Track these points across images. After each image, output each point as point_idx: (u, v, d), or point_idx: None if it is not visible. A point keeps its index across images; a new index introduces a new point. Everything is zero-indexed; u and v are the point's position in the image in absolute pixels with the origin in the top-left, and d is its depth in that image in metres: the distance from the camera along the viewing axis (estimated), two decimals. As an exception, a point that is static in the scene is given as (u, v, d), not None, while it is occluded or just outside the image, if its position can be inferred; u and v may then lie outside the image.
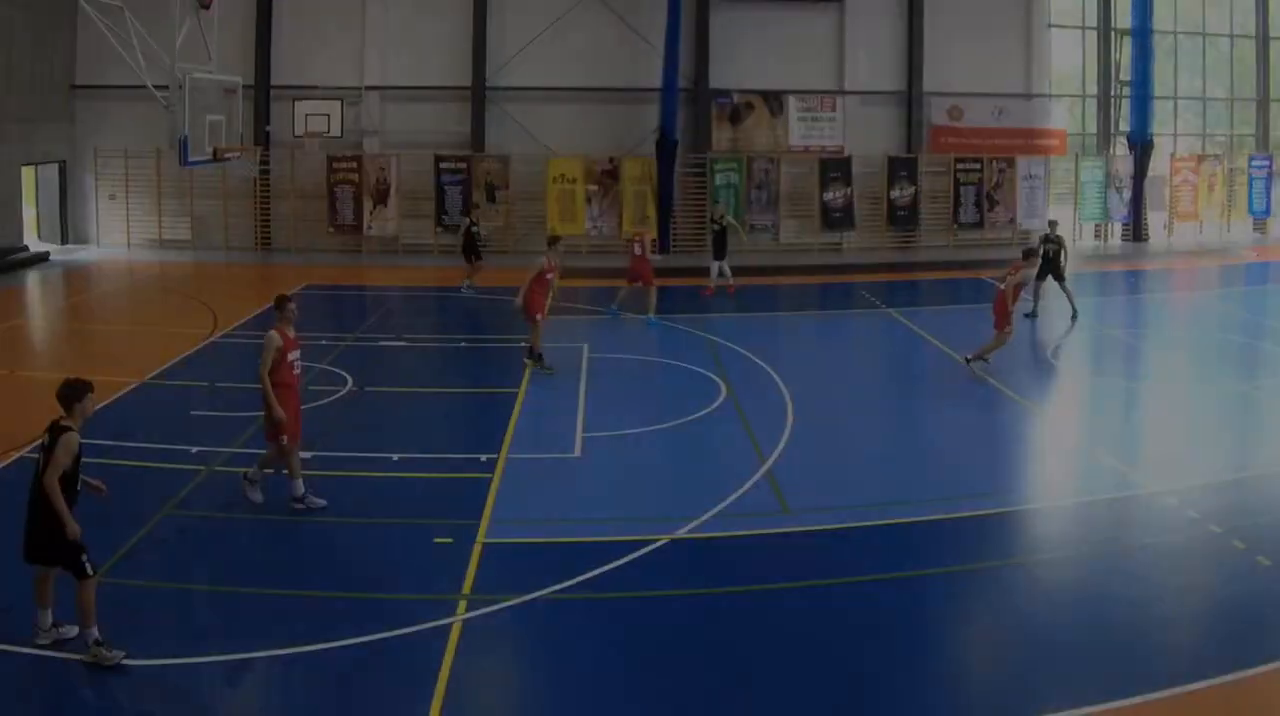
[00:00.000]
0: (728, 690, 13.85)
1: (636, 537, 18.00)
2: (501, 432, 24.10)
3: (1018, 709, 13.43)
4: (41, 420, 22.61)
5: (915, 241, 53.98)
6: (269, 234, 53.42)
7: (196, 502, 19.86)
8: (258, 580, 16.11)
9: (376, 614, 15.50)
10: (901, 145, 54.64)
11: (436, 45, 52.75)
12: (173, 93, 30.89)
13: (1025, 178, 54.44)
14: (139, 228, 53.58)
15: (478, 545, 18.03)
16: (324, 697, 13.62)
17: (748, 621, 15.76)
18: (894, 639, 15.09)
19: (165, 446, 22.80)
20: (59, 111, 52.25)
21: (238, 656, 14.13)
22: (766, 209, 53.18)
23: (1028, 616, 15.83)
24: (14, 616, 15.14)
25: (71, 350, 33.14)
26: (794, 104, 53.67)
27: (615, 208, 52.00)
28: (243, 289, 43.69)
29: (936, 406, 27.20)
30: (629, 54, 52.55)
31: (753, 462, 22.26)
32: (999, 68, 54.88)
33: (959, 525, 19.19)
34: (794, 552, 18.32)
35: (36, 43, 49.58)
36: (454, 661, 14.30)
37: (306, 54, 52.51)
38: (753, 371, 29.61)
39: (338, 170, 52.08)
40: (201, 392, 27.38)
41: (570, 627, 15.48)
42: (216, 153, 33.09)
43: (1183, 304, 43.31)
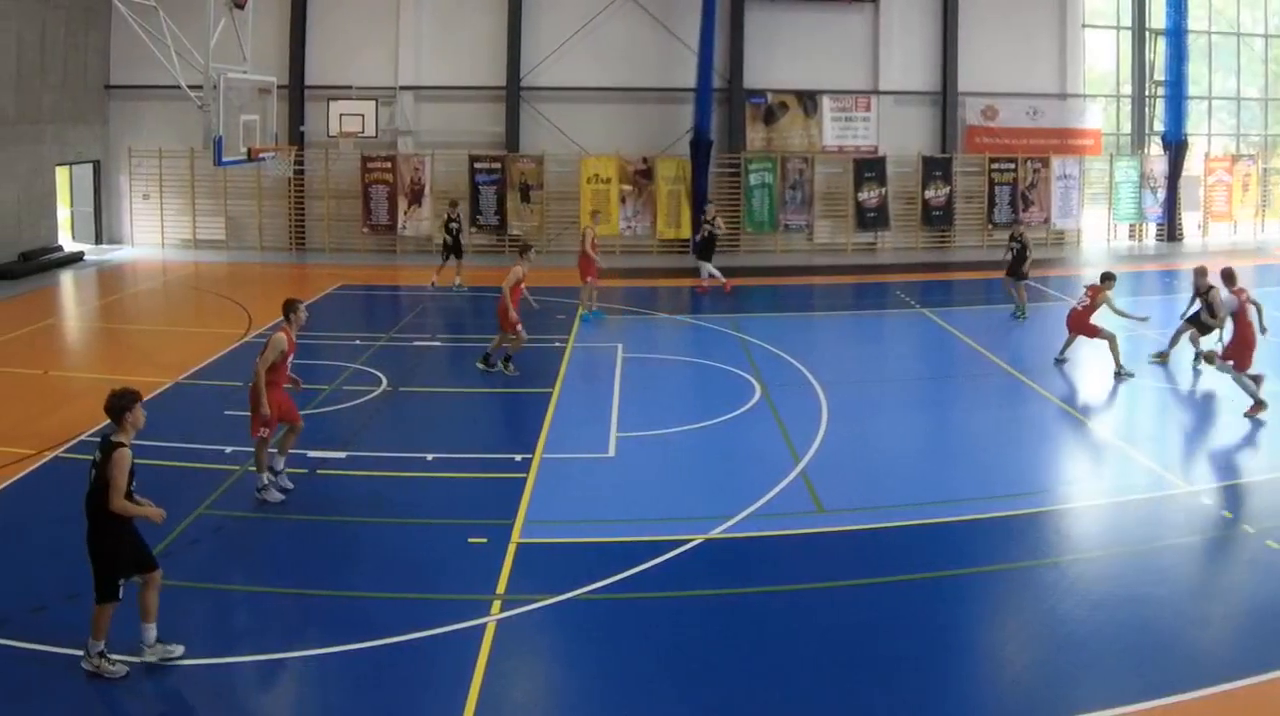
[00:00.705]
0: (762, 690, 13.83)
1: (670, 538, 18.00)
2: (536, 433, 24.13)
3: (1052, 708, 13.41)
4: (76, 419, 22.75)
5: (950, 241, 53.88)
6: (303, 234, 53.51)
7: (231, 502, 19.88)
8: (292, 580, 16.14)
9: (411, 614, 15.54)
10: (936, 145, 54.53)
11: (471, 45, 52.81)
12: (207, 92, 30.90)
13: (1060, 178, 54.30)
14: (173, 228, 53.71)
15: (512, 545, 18.06)
16: (358, 697, 13.64)
17: (782, 621, 15.71)
18: (928, 638, 15.07)
19: (199, 446, 22.84)
20: (93, 112, 52.40)
21: (272, 656, 14.17)
22: (801, 209, 53.09)
23: (1062, 616, 15.75)
24: (47, 615, 15.21)
25: (105, 350, 33.18)
26: (828, 104, 53.59)
27: (649, 208, 51.97)
28: (277, 289, 43.58)
29: (970, 406, 27.15)
30: (663, 54, 52.54)
31: (787, 462, 22.26)
32: (1033, 68, 54.78)
33: (993, 525, 19.19)
34: (828, 552, 18.32)
35: (71, 43, 49.69)
36: (488, 661, 14.34)
37: (341, 54, 52.61)
38: (787, 371, 29.56)
39: (372, 170, 52.16)
40: (235, 392, 27.38)
41: (604, 627, 15.50)
42: (251, 153, 33.10)
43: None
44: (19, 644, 14.50)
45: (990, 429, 25.23)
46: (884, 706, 13.52)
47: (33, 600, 15.72)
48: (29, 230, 47.36)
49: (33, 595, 15.89)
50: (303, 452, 21.73)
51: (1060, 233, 54.78)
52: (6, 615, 15.21)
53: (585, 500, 20.38)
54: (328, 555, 18.05)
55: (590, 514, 19.60)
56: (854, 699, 13.66)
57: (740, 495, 20.30)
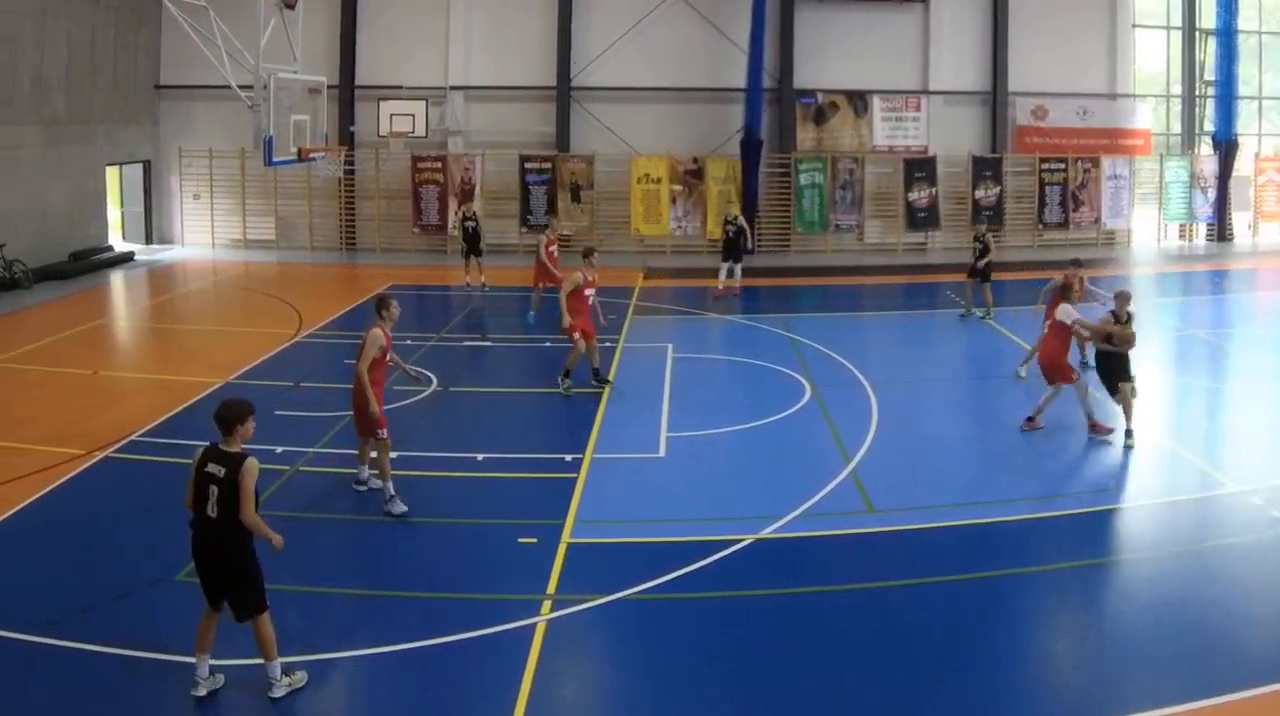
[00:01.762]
0: (812, 690, 13.83)
1: (721, 538, 17.99)
2: (586, 433, 24.13)
3: (1102, 708, 13.37)
4: (126, 419, 22.87)
5: (1000, 241, 53.37)
6: (353, 234, 53.63)
7: (282, 502, 19.84)
8: (342, 580, 16.16)
9: (461, 614, 15.56)
10: (986, 145, 54.31)
11: (521, 45, 52.85)
12: (257, 92, 30.97)
13: (1110, 178, 54.01)
14: (223, 228, 53.91)
15: (562, 545, 18.06)
16: (408, 698, 13.67)
17: (832, 621, 15.70)
18: (978, 638, 15.07)
19: (249, 446, 22.78)
20: (143, 112, 52.63)
21: (322, 656, 14.17)
22: (851, 209, 52.93)
23: (1111, 616, 15.78)
24: (96, 616, 15.26)
25: (155, 350, 33.25)
26: (878, 104, 53.47)
27: (700, 208, 51.88)
28: (327, 289, 43.86)
29: (1020, 406, 26.94)
30: (713, 54, 52.47)
31: (837, 462, 22.28)
32: (1084, 68, 54.50)
33: (1043, 525, 19.15)
34: (878, 553, 18.29)
35: (121, 43, 49.90)
36: (538, 661, 14.35)
37: (391, 54, 52.73)
38: (837, 371, 29.53)
39: (422, 170, 52.21)
40: (286, 392, 27.45)
41: (654, 628, 15.51)
42: (301, 153, 33.18)
43: (1267, 304, 42.86)
44: (68, 644, 14.54)
45: (1040, 430, 25.03)
46: (934, 706, 13.51)
47: (81, 600, 15.78)
48: (79, 230, 47.58)
49: (81, 595, 15.95)
50: (353, 452, 21.74)
51: (1110, 233, 54.57)
52: (55, 616, 15.25)
53: (635, 500, 20.38)
54: (378, 555, 18.09)
55: (640, 514, 19.60)
56: (904, 699, 13.64)
57: (791, 495, 20.28)
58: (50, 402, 26.61)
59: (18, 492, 20.23)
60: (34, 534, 18.69)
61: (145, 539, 18.12)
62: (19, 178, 43.50)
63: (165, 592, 15.92)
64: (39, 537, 18.54)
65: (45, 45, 44.40)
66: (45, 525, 19.06)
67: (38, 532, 18.75)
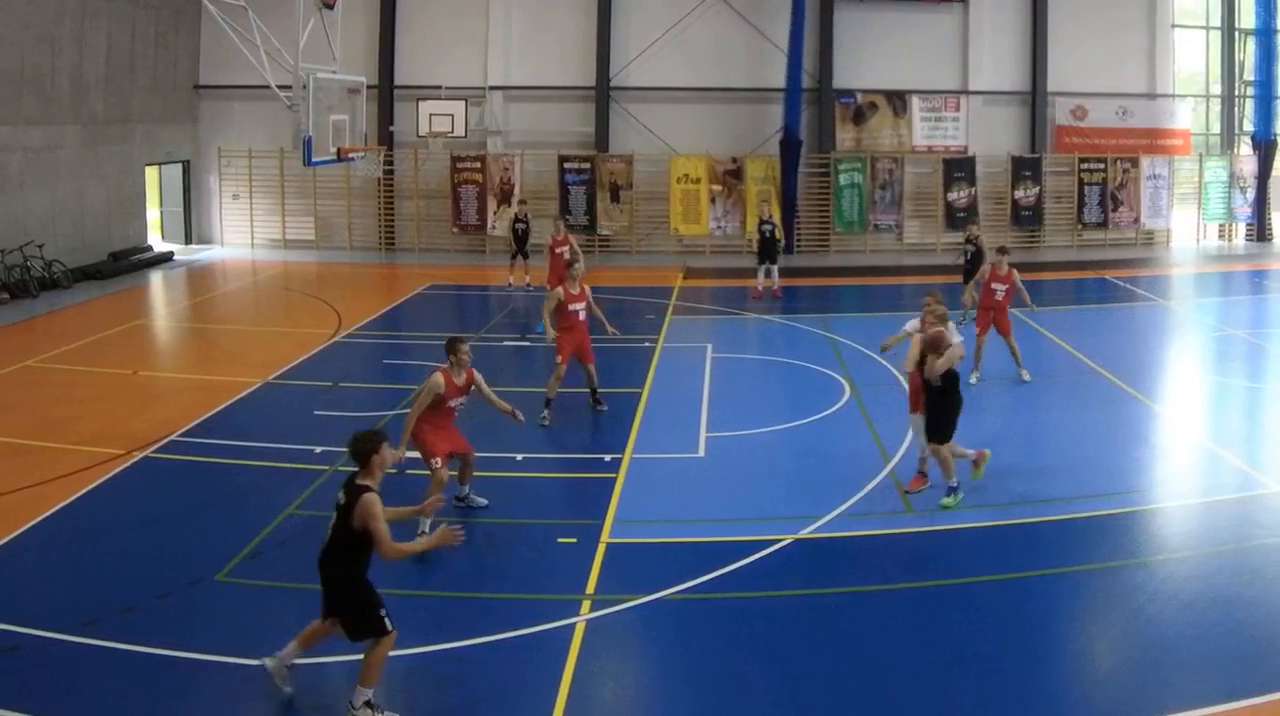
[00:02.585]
0: (851, 690, 13.87)
1: (760, 538, 18.00)
2: (625, 433, 24.23)
3: (1141, 708, 13.36)
4: (165, 419, 22.97)
5: (1039, 241, 53.52)
6: (393, 234, 53.77)
7: (320, 503, 19.76)
8: (381, 580, 16.16)
9: (500, 614, 15.64)
10: (1025, 145, 54.12)
11: (560, 45, 52.92)
12: (296, 92, 30.95)
13: (1149, 177, 53.81)
14: (262, 227, 54.13)
15: (601, 545, 18.12)
16: (448, 697, 13.76)
17: (871, 621, 15.74)
18: (1017, 638, 15.06)
19: (289, 446, 22.95)
20: (183, 111, 52.82)
21: (360, 656, 14.18)
22: (890, 209, 52.91)
23: (1151, 616, 15.72)
24: (138, 615, 15.31)
25: (195, 350, 33.35)
26: (918, 104, 53.35)
27: (739, 208, 51.79)
28: (366, 289, 43.94)
29: (1059, 406, 26.99)
30: (752, 54, 52.46)
31: (876, 462, 22.33)
32: (1123, 68, 54.27)
33: (1082, 525, 19.12)
34: (917, 553, 18.32)
35: (160, 43, 50.04)
36: (577, 661, 14.40)
37: (430, 54, 52.85)
38: (876, 371, 29.39)
39: (461, 170, 52.33)
40: (325, 392, 27.50)
41: (694, 628, 15.54)
42: (340, 153, 33.18)
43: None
44: (110, 644, 14.61)
45: (1079, 429, 25.05)
46: (972, 706, 13.53)
47: (123, 600, 15.86)
48: (119, 230, 47.78)
49: (123, 595, 16.04)
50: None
51: (1150, 233, 54.39)
52: (97, 615, 15.33)
53: (675, 500, 20.39)
54: (417, 555, 18.10)
55: (680, 514, 19.61)
56: (942, 698, 13.66)
57: (830, 495, 20.33)
58: (90, 403, 26.72)
59: (59, 492, 20.36)
60: (75, 534, 18.79)
61: (185, 538, 18.19)
62: (58, 178, 43.71)
63: (205, 592, 15.99)
64: (80, 537, 18.63)
65: (84, 45, 44.57)
66: (86, 525, 19.16)
67: (78, 532, 18.84)
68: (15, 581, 16.82)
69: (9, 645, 14.52)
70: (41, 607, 15.58)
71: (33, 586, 16.64)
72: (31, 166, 42.11)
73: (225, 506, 19.81)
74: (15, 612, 15.36)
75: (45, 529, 18.85)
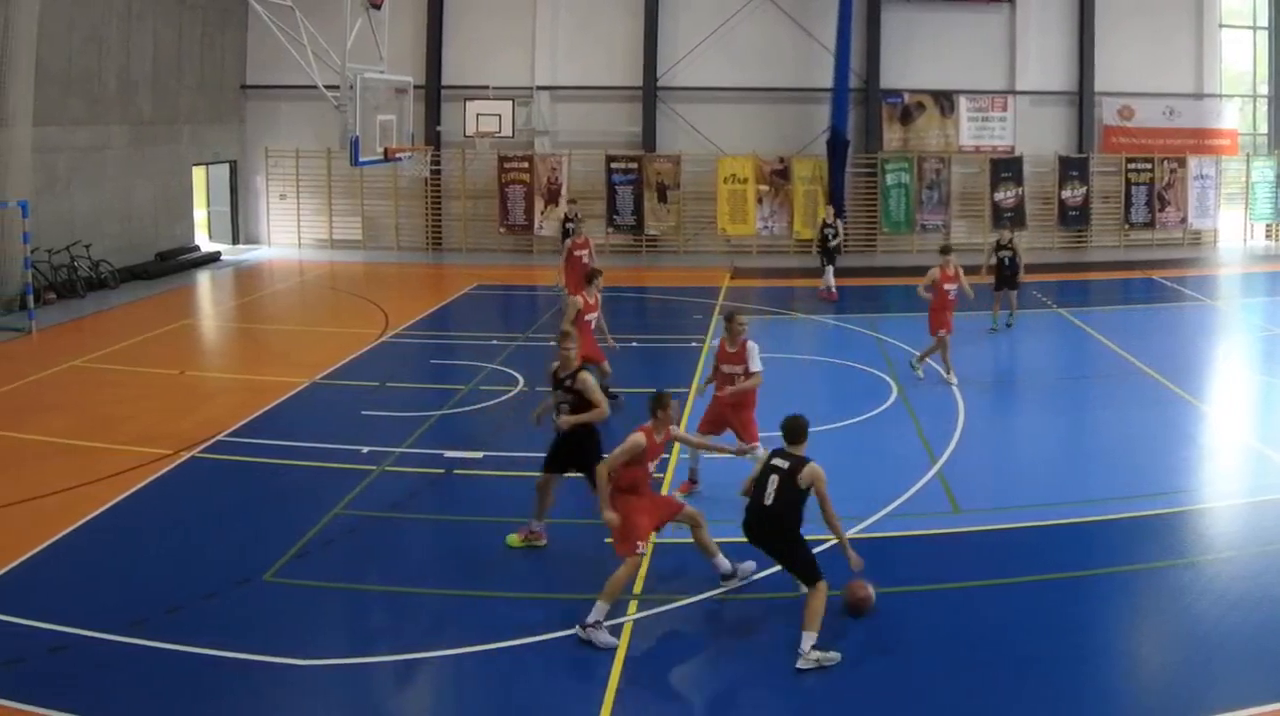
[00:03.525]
0: (897, 689, 13.86)
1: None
2: (673, 433, 24.01)
3: (1188, 708, 13.30)
4: (212, 419, 23.05)
5: (1086, 241, 53.36)
6: (440, 234, 53.88)
7: (366, 502, 19.99)
8: (427, 580, 16.16)
9: (546, 613, 15.64)
10: (1072, 145, 53.95)
11: (607, 45, 52.97)
12: (343, 92, 30.98)
13: (1196, 178, 53.59)
14: (309, 227, 54.36)
15: (649, 545, 17.96)
16: (494, 697, 13.78)
17: (918, 621, 15.73)
18: (1064, 638, 14.97)
19: (336, 446, 22.99)
20: (230, 112, 53.06)
21: (408, 656, 14.20)
22: (937, 209, 52.82)
23: (1198, 616, 15.64)
24: (183, 615, 15.35)
25: (242, 350, 33.42)
26: (965, 104, 53.22)
27: (786, 208, 51.80)
28: (414, 289, 44.05)
29: (1107, 406, 26.92)
30: (799, 54, 52.43)
31: (923, 462, 22.28)
32: (1170, 68, 54.01)
33: (1129, 525, 19.04)
34: (964, 553, 18.28)
35: (207, 44, 50.27)
36: (624, 661, 14.41)
37: (477, 54, 52.90)
38: (924, 371, 29.33)
39: (508, 170, 52.38)
40: (372, 392, 27.54)
41: (740, 627, 15.58)
42: (387, 153, 33.20)
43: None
44: (157, 644, 14.63)
45: (1126, 429, 24.97)
46: (1019, 706, 13.50)
47: (170, 600, 15.87)
48: (165, 230, 47.99)
49: (170, 595, 16.05)
50: (439, 452, 21.89)
51: (1197, 233, 54.20)
52: (144, 615, 15.35)
53: (721, 500, 20.23)
54: (463, 555, 18.11)
55: (726, 513, 19.42)
56: (989, 699, 13.64)
57: (877, 495, 20.30)
58: (137, 402, 26.81)
59: (106, 492, 20.41)
60: (122, 533, 18.86)
61: (232, 538, 18.23)
62: (105, 178, 43.90)
63: (253, 592, 16.00)
64: (127, 537, 18.70)
65: (132, 46, 44.77)
66: (133, 525, 19.23)
67: (125, 532, 18.91)
68: (63, 581, 16.86)
69: (57, 644, 14.55)
70: (89, 607, 15.61)
71: (80, 586, 16.68)
72: (79, 167, 42.28)
73: (272, 506, 19.85)
74: (63, 612, 15.39)
75: (92, 528, 18.91)
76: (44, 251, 38.89)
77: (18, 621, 15.17)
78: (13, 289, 36.53)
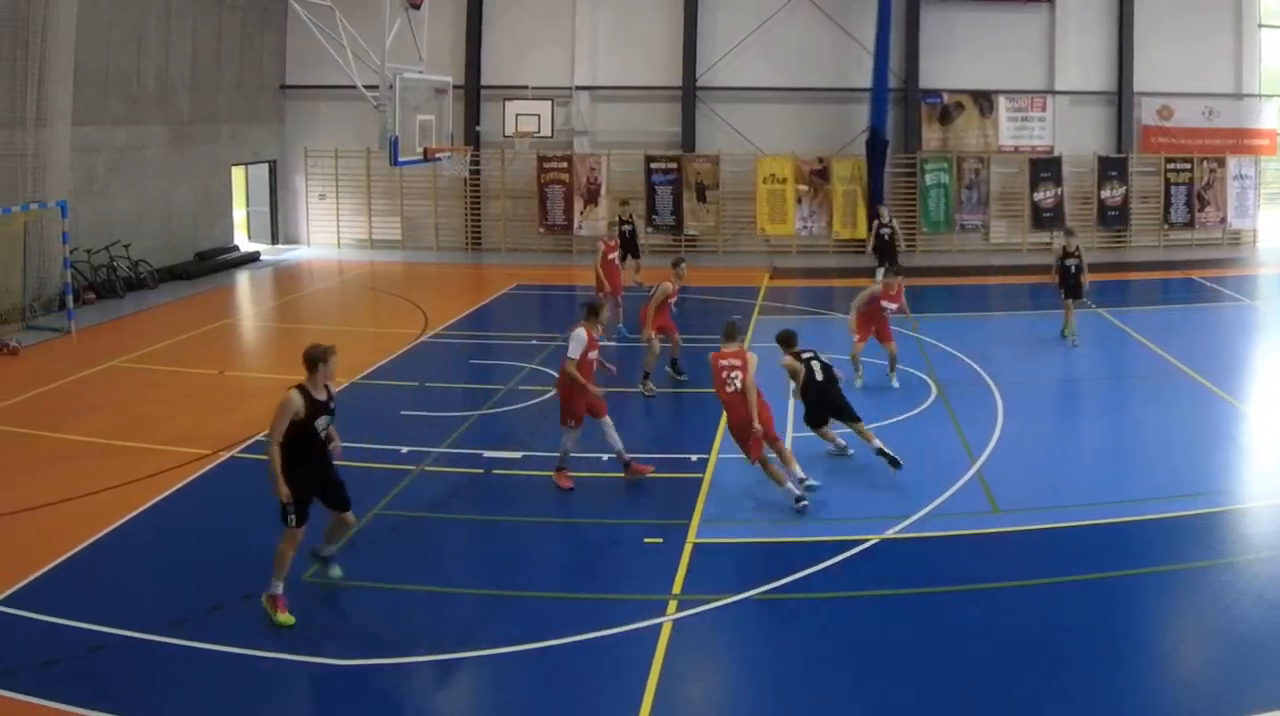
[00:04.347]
0: (937, 689, 13.85)
1: (846, 537, 17.97)
2: (712, 432, 24.02)
3: (1227, 709, 13.25)
4: (251, 419, 23.15)
5: (1125, 241, 53.19)
6: (479, 234, 54.03)
7: (407, 502, 20.09)
8: (468, 580, 16.17)
9: (586, 614, 15.67)
10: (1112, 145, 53.75)
11: (646, 45, 53.03)
12: (383, 93, 31.00)
13: (1235, 177, 53.38)
14: (349, 227, 54.57)
15: (688, 545, 18.13)
16: (534, 697, 13.79)
17: (957, 621, 15.72)
18: (1103, 638, 14.95)
19: (376, 446, 23.03)
20: (269, 112, 53.30)
21: (448, 656, 14.25)
22: (976, 209, 52.72)
23: (1237, 616, 15.59)
24: (223, 615, 15.39)
25: (281, 350, 33.38)
26: (1004, 104, 53.11)
27: (825, 208, 51.79)
28: (453, 289, 44.12)
29: (1146, 406, 26.90)
30: (838, 54, 52.39)
31: (963, 462, 22.26)
32: (1209, 68, 53.72)
33: (1168, 525, 18.99)
34: (1003, 553, 18.26)
35: (246, 43, 50.52)
36: (664, 662, 14.39)
37: (517, 54, 53.02)
38: (963, 371, 29.46)
39: (548, 170, 52.53)
40: (412, 392, 27.57)
41: (780, 628, 15.59)
42: (427, 153, 33.21)
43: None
44: (197, 644, 14.70)
45: (1166, 429, 24.96)
46: (1058, 706, 13.47)
47: (210, 600, 15.95)
48: (205, 230, 48.22)
49: (210, 595, 16.14)
50: (478, 452, 21.93)
51: (1236, 233, 54.01)
52: (184, 615, 15.42)
53: (761, 500, 20.32)
54: (503, 555, 18.19)
55: (766, 514, 19.59)
56: (1028, 698, 13.63)
57: (916, 495, 20.29)
58: (176, 402, 26.97)
59: (145, 492, 20.54)
60: (161, 533, 18.99)
61: (271, 539, 18.21)
62: (145, 178, 44.11)
63: (291, 592, 15.94)
64: (166, 537, 18.83)
65: (171, 45, 44.96)
66: (172, 524, 19.35)
67: (165, 532, 19.05)
68: (102, 581, 16.95)
69: (97, 644, 14.62)
70: (129, 607, 15.69)
71: (120, 586, 16.78)
72: (118, 167, 42.48)
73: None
74: (103, 612, 15.47)
75: (132, 528, 19.02)
76: (83, 251, 39.13)
77: (57, 621, 15.25)
78: (52, 289, 36.75)
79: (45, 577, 16.86)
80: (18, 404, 26.90)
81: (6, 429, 24.77)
